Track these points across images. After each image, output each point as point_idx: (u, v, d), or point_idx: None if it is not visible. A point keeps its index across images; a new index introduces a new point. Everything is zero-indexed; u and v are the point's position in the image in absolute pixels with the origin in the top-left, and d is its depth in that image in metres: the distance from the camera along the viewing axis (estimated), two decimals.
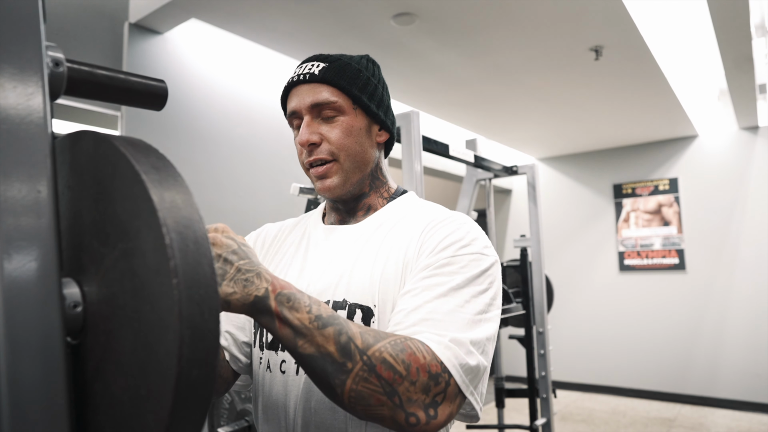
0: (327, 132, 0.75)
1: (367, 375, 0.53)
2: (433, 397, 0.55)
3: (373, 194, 0.81)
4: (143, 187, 0.34)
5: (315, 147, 0.75)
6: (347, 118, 0.75)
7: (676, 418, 4.15)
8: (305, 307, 0.56)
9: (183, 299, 0.32)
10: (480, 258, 0.67)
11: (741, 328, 4.32)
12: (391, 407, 0.54)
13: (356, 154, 0.76)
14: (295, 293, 0.57)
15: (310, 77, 0.75)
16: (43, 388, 0.32)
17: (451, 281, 0.64)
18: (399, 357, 0.54)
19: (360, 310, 0.69)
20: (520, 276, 2.45)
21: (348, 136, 0.75)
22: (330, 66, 0.76)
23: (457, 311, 0.62)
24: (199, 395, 0.33)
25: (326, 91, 0.74)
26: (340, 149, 0.75)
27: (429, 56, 2.86)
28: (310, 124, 0.75)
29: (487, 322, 0.64)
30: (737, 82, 3.31)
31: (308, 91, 0.75)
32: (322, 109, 0.74)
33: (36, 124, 0.35)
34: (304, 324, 0.55)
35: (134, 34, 2.25)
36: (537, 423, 2.36)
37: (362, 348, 0.54)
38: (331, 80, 0.75)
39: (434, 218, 0.73)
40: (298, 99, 0.76)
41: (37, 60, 0.36)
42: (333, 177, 0.75)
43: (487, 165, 2.28)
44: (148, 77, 0.45)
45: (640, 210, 4.90)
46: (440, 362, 0.56)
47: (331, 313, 0.57)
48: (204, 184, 2.46)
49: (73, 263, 0.39)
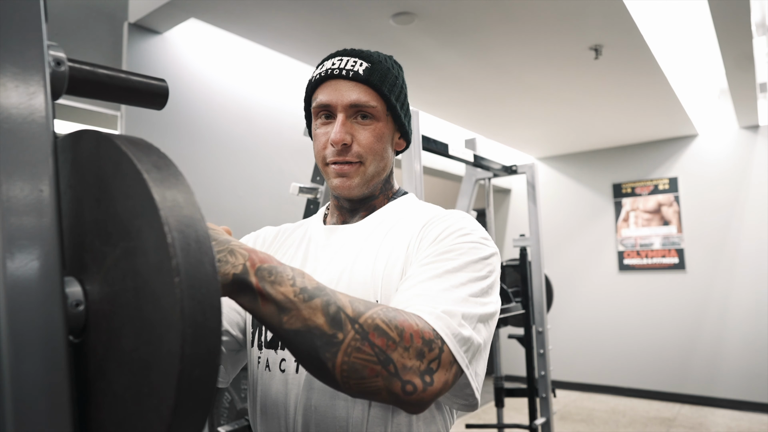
0: (359, 134, 0.74)
1: (360, 344, 0.51)
2: (428, 363, 0.53)
3: (380, 196, 0.82)
4: (145, 186, 0.34)
5: (347, 148, 0.74)
6: (381, 125, 0.75)
7: (675, 417, 4.15)
8: (288, 279, 0.53)
9: (185, 298, 0.32)
10: (479, 246, 0.67)
11: (741, 328, 4.33)
12: (386, 377, 0.51)
13: (381, 159, 0.77)
14: (276, 266, 0.54)
15: (353, 75, 0.74)
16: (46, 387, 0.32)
17: (448, 264, 0.63)
18: (392, 323, 0.53)
19: None
20: (520, 275, 2.45)
21: (378, 141, 0.75)
22: (374, 67, 0.75)
23: (450, 290, 0.60)
24: (201, 393, 0.33)
25: (368, 94, 0.74)
26: (368, 153, 0.75)
27: (428, 55, 2.86)
28: (345, 123, 0.74)
29: (482, 305, 0.62)
30: (738, 81, 3.31)
31: (349, 88, 0.73)
32: (359, 111, 0.74)
33: (38, 123, 0.35)
34: (288, 298, 0.52)
35: (134, 34, 2.25)
36: (536, 422, 2.37)
37: (353, 316, 0.52)
38: (375, 84, 0.74)
39: (435, 215, 0.74)
40: (336, 94, 0.74)
41: (39, 59, 0.36)
42: (355, 178, 0.75)
43: (486, 164, 2.28)
44: (149, 76, 0.45)
45: (639, 209, 4.90)
46: (433, 329, 0.55)
47: (317, 284, 0.54)
48: (203, 183, 2.46)
49: (76, 262, 0.40)
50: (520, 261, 2.45)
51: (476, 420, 4.23)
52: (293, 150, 2.89)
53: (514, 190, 5.65)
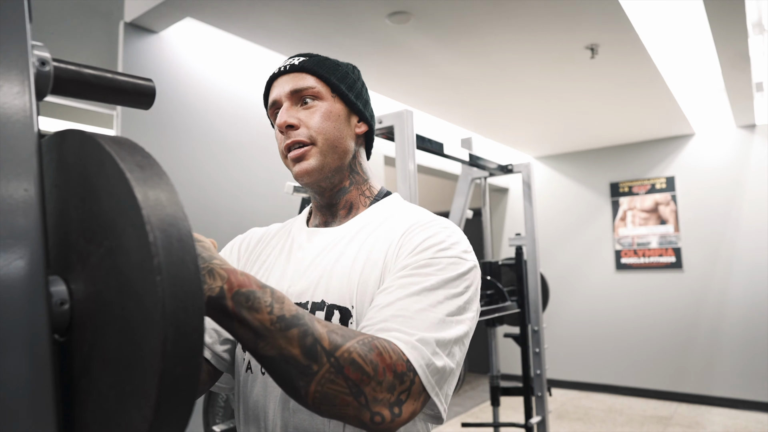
0: (305, 117, 0.76)
1: (334, 377, 0.52)
2: (398, 395, 0.55)
3: (354, 190, 0.81)
4: (127, 185, 0.34)
5: (292, 129, 0.75)
6: (326, 104, 0.77)
7: (672, 416, 4.16)
8: (266, 307, 0.53)
9: (167, 296, 0.32)
10: (458, 262, 0.67)
11: (738, 327, 4.34)
12: (356, 407, 0.53)
13: (334, 138, 0.76)
14: (255, 291, 0.53)
15: (290, 68, 0.78)
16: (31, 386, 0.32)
17: (425, 281, 0.64)
18: (367, 357, 0.54)
19: (338, 311, 0.69)
20: (516, 274, 2.45)
21: (326, 120, 0.76)
22: (310, 59, 0.78)
23: (428, 310, 0.61)
24: (184, 392, 0.33)
25: (305, 79, 0.77)
26: (318, 132, 0.75)
27: (424, 54, 2.86)
28: (289, 108, 0.76)
29: (457, 324, 0.63)
30: (734, 80, 3.32)
31: (288, 80, 0.77)
32: (302, 96, 0.76)
33: (22, 123, 0.35)
34: (264, 325, 0.52)
35: (129, 34, 2.25)
36: (532, 421, 2.37)
37: (329, 349, 0.53)
38: (310, 69, 0.77)
39: (417, 221, 0.73)
40: (278, 88, 0.78)
41: (23, 59, 0.36)
42: (310, 159, 0.75)
43: (482, 163, 2.28)
44: (136, 76, 0.45)
45: (636, 208, 4.91)
46: (406, 360, 0.56)
47: (294, 313, 0.54)
48: (199, 183, 2.46)
49: (60, 261, 0.40)
50: (515, 260, 2.46)
51: (472, 419, 4.24)
52: None
53: (512, 189, 5.66)
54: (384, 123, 1.65)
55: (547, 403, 2.46)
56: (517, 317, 2.46)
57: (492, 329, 2.61)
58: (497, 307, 2.24)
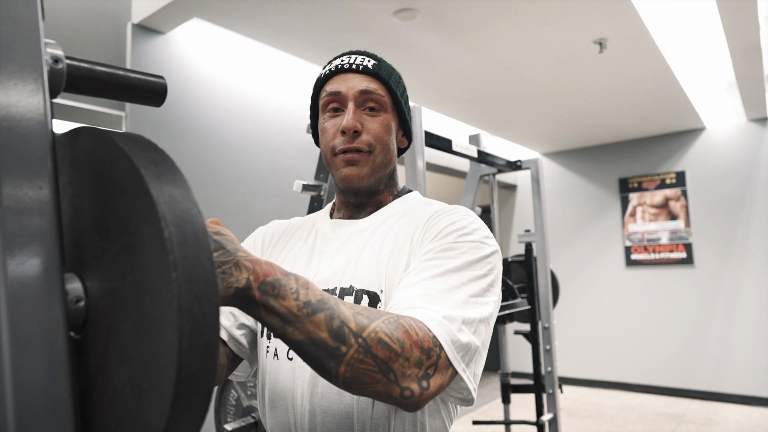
0: (368, 124, 0.78)
1: (363, 356, 0.54)
2: (426, 369, 0.57)
3: (385, 192, 0.84)
4: (142, 182, 0.34)
5: (357, 136, 0.77)
6: (388, 116, 0.79)
7: (684, 413, 4.13)
8: (292, 294, 0.54)
9: (182, 293, 0.32)
10: (480, 246, 0.69)
11: (750, 323, 4.29)
12: (386, 383, 0.55)
13: (388, 151, 0.79)
14: (280, 279, 0.55)
15: (363, 69, 0.78)
16: (47, 383, 0.32)
17: (449, 264, 0.66)
18: (394, 335, 0.55)
19: (366, 296, 0.70)
20: (525, 271, 2.44)
21: (386, 132, 0.79)
22: (380, 64, 0.81)
23: (452, 291, 0.63)
24: (200, 388, 0.33)
25: (377, 85, 0.78)
26: (377, 142, 0.78)
27: (430, 51, 2.85)
28: (356, 111, 0.77)
29: (482, 305, 0.65)
30: (745, 73, 3.28)
31: (360, 80, 0.78)
32: (368, 101, 0.78)
33: (36, 121, 0.35)
34: (292, 311, 0.53)
35: (137, 35, 2.26)
36: (543, 419, 2.36)
37: (356, 330, 0.54)
38: (382, 77, 0.79)
39: (439, 210, 0.76)
40: (345, 84, 0.78)
41: (37, 57, 0.36)
42: (365, 167, 0.77)
43: (490, 160, 2.27)
44: (147, 73, 0.45)
45: (646, 204, 4.87)
46: (432, 336, 0.58)
47: (320, 297, 0.55)
48: (208, 182, 2.47)
49: (75, 258, 0.40)
50: (525, 257, 2.44)
51: (483, 416, 4.23)
52: (297, 148, 2.90)
53: (520, 186, 5.63)
54: None
55: (559, 401, 2.45)
56: (527, 314, 2.45)
57: (502, 326, 2.59)
58: (507, 304, 2.23)
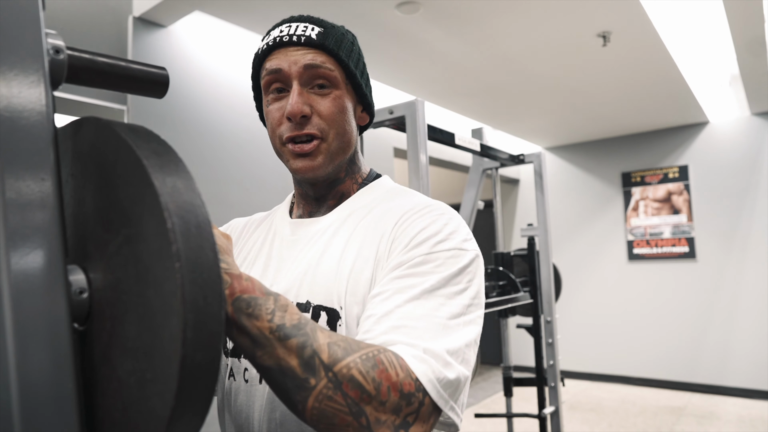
0: (318, 105, 0.66)
1: (332, 393, 0.48)
2: (405, 417, 0.50)
3: (348, 180, 0.74)
4: (144, 173, 0.34)
5: (306, 121, 0.66)
6: (340, 92, 0.68)
7: (686, 406, 4.14)
8: (267, 314, 0.49)
9: (186, 283, 0.32)
10: (458, 254, 0.61)
11: (752, 317, 4.29)
12: (357, 428, 0.48)
13: (344, 134, 0.69)
14: (257, 298, 0.50)
15: (305, 40, 0.66)
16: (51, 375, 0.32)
17: (425, 282, 0.57)
18: (369, 375, 0.49)
19: (325, 313, 0.62)
20: (528, 265, 2.44)
21: (340, 112, 0.67)
22: (326, 31, 0.67)
23: (431, 316, 0.55)
24: (204, 378, 0.33)
25: (324, 58, 0.66)
26: (331, 126, 0.67)
27: (433, 45, 2.84)
28: (302, 92, 0.65)
29: (466, 325, 0.57)
30: (749, 67, 3.26)
31: (302, 53, 0.66)
32: (316, 78, 0.66)
33: (38, 112, 0.35)
34: (263, 333, 0.49)
35: (138, 28, 2.26)
36: (545, 412, 2.37)
37: (328, 363, 0.48)
38: (330, 48, 0.66)
39: (410, 209, 0.65)
40: (286, 59, 0.66)
41: (38, 47, 0.36)
42: (318, 157, 0.67)
43: (493, 154, 2.26)
44: (149, 64, 0.45)
45: (649, 198, 4.86)
46: (415, 379, 0.51)
47: (297, 322, 0.50)
48: (210, 176, 2.47)
49: (79, 250, 0.40)
50: (528, 251, 2.44)
51: (485, 409, 4.24)
52: None
53: (523, 180, 5.62)
54: (395, 113, 1.64)
55: (560, 394, 2.46)
56: (529, 308, 2.45)
57: (504, 320, 2.60)
58: (510, 297, 2.23)
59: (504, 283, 2.33)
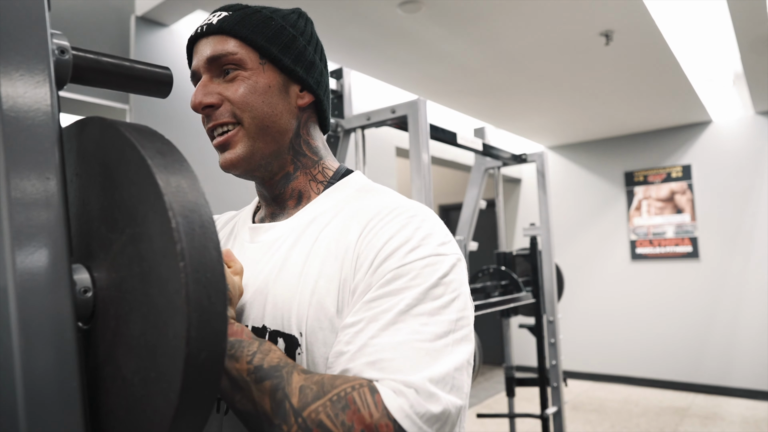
0: (227, 91, 0.62)
1: None
2: None
3: (301, 176, 0.67)
4: (149, 172, 0.34)
5: (213, 110, 0.62)
6: (251, 74, 0.63)
7: (689, 407, 4.13)
8: (247, 356, 0.48)
9: (190, 282, 0.32)
10: (435, 261, 0.53)
11: (755, 317, 4.27)
12: None
13: (264, 116, 0.63)
14: (242, 341, 0.49)
15: (207, 28, 0.63)
16: (56, 373, 0.33)
17: (399, 302, 0.51)
18: (338, 418, 0.45)
19: (282, 340, 0.56)
20: (530, 265, 2.43)
21: (252, 93, 0.62)
22: (232, 15, 0.64)
23: (411, 341, 0.49)
24: (208, 377, 0.33)
25: (226, 43, 0.62)
26: (243, 110, 0.62)
27: (436, 44, 2.84)
28: (207, 83, 0.63)
29: (456, 345, 0.51)
30: (753, 66, 3.25)
31: (207, 45, 0.63)
32: (222, 65, 0.62)
33: (43, 112, 0.35)
34: (241, 376, 0.48)
35: (141, 27, 2.26)
36: (548, 412, 2.37)
37: (298, 408, 0.46)
38: (230, 30, 0.62)
39: (375, 214, 0.58)
40: (197, 58, 0.64)
41: (43, 48, 0.36)
42: (236, 147, 0.63)
43: (495, 153, 2.26)
44: (153, 64, 0.45)
45: (652, 198, 4.84)
46: (393, 420, 0.45)
47: (276, 363, 0.48)
48: (211, 176, 2.47)
49: (83, 249, 0.40)
50: (530, 250, 2.44)
51: (487, 409, 4.24)
52: None
53: (525, 179, 5.62)
54: (397, 113, 1.64)
55: (563, 394, 2.45)
56: (531, 308, 2.45)
57: (507, 320, 2.60)
58: (512, 297, 2.23)
59: (506, 282, 2.33)
